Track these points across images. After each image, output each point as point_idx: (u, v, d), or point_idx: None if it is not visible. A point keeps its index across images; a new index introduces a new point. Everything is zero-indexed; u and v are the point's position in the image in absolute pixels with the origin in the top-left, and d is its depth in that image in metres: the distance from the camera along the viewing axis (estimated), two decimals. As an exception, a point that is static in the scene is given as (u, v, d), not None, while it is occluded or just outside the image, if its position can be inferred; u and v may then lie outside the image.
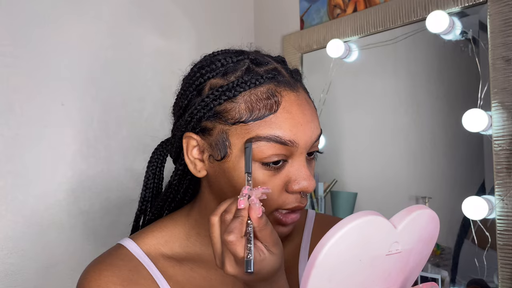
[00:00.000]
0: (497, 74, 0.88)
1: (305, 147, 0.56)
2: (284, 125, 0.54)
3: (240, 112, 0.55)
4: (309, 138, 0.56)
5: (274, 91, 0.56)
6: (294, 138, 0.55)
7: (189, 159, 0.60)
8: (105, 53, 1.09)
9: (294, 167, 0.56)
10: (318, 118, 0.60)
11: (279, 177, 0.56)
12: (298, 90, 0.58)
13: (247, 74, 0.57)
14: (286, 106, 0.55)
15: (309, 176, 0.56)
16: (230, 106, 0.56)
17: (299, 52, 1.30)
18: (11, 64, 0.94)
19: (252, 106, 0.55)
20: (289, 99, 0.56)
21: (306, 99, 0.59)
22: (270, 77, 0.57)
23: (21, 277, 0.93)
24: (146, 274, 0.59)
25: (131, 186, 1.12)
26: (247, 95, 0.56)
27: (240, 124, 0.55)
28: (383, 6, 1.10)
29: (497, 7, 0.89)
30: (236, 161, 0.56)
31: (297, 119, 0.55)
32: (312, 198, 1.27)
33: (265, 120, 0.54)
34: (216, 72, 0.58)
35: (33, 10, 0.98)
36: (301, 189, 0.56)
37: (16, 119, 0.94)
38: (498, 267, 0.87)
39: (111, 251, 0.62)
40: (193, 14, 1.29)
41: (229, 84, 0.56)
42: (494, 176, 0.87)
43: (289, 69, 0.62)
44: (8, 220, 0.92)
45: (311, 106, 0.59)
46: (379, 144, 1.15)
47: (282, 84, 0.57)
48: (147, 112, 1.16)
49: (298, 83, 0.60)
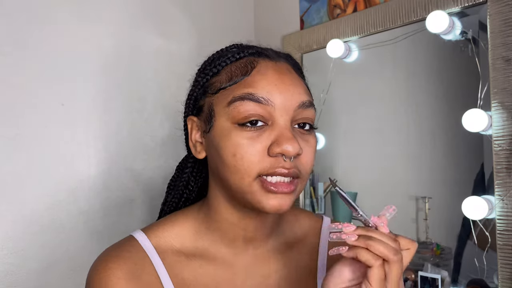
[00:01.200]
0: (497, 74, 0.88)
1: (284, 109, 0.56)
2: (257, 84, 0.56)
3: (221, 81, 0.59)
4: (288, 100, 0.56)
5: (252, 60, 0.59)
6: (268, 96, 0.55)
7: (192, 142, 0.63)
8: (105, 53, 1.09)
9: (275, 130, 0.56)
10: (304, 88, 0.60)
11: (260, 140, 0.55)
12: (279, 61, 0.60)
13: (232, 50, 0.61)
14: (261, 69, 0.58)
15: (290, 138, 0.55)
16: (215, 79, 0.60)
17: (299, 52, 1.30)
18: (11, 64, 0.94)
19: (231, 74, 0.58)
20: (265, 65, 0.58)
21: (288, 69, 0.60)
22: (252, 52, 0.60)
23: (21, 277, 0.93)
24: (151, 269, 0.59)
25: (131, 186, 1.12)
26: (229, 67, 0.59)
27: (221, 90, 0.58)
28: (383, 6, 1.10)
29: (497, 7, 0.89)
30: (220, 126, 0.57)
31: (271, 79, 0.57)
32: (312, 198, 1.27)
33: (240, 83, 0.57)
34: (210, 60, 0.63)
35: (33, 10, 0.98)
36: (282, 151, 0.54)
37: (16, 119, 0.94)
38: (498, 267, 0.87)
39: (122, 242, 0.63)
40: (193, 14, 1.29)
41: (215, 61, 0.61)
42: (494, 176, 0.88)
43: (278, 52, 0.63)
44: (8, 220, 0.92)
45: (293, 75, 0.59)
46: (379, 144, 1.15)
47: (262, 55, 0.60)
48: (147, 112, 1.16)
49: (282, 59, 0.61)
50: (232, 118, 0.56)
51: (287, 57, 0.63)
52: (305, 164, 0.58)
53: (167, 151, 1.19)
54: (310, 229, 0.70)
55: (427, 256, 1.02)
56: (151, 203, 1.16)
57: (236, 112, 0.55)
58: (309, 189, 1.27)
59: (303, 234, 0.69)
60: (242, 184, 0.55)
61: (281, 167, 0.55)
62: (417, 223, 1.05)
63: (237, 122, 0.55)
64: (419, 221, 1.05)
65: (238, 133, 0.55)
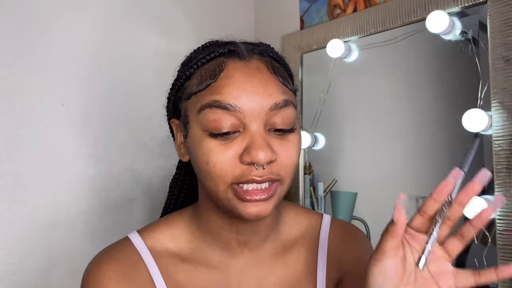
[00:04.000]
0: (497, 74, 0.88)
1: (253, 114, 0.53)
2: (224, 90, 0.54)
3: (192, 86, 0.57)
4: (257, 104, 0.53)
5: (221, 62, 0.56)
6: (235, 102, 0.53)
7: (177, 144, 0.62)
8: (105, 53, 1.09)
9: (247, 137, 0.53)
10: (278, 87, 0.56)
11: (232, 147, 0.53)
12: (249, 60, 0.57)
13: (204, 52, 0.59)
14: (228, 73, 0.55)
15: (260, 145, 0.52)
16: (188, 83, 0.59)
17: (299, 52, 1.30)
18: (11, 64, 0.94)
19: (201, 79, 0.57)
20: (232, 66, 0.56)
21: (259, 68, 0.56)
22: (223, 51, 0.57)
23: (21, 277, 0.93)
24: (144, 271, 0.59)
25: (131, 186, 1.12)
26: (200, 71, 0.58)
27: (192, 97, 0.57)
28: (383, 6, 1.10)
29: (497, 7, 0.89)
30: (193, 133, 0.56)
31: (239, 84, 0.54)
32: (312, 198, 1.27)
33: (208, 89, 0.55)
34: (188, 59, 0.62)
35: (33, 10, 0.98)
36: (251, 160, 0.52)
37: (16, 119, 0.94)
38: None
39: (116, 243, 0.63)
40: (193, 14, 1.29)
41: (188, 63, 0.60)
42: (494, 176, 0.87)
43: (253, 46, 0.60)
44: (8, 220, 0.92)
45: (265, 75, 0.56)
46: (379, 144, 1.15)
47: (233, 55, 0.57)
48: (147, 112, 1.16)
49: (255, 55, 0.58)
50: (202, 126, 0.54)
51: (262, 52, 0.59)
52: (286, 165, 0.55)
53: (167, 151, 1.19)
54: (309, 228, 0.68)
55: (427, 256, 1.02)
56: (151, 203, 1.16)
57: (205, 120, 0.54)
58: (309, 189, 1.27)
59: (301, 235, 0.67)
60: (217, 191, 0.54)
61: (254, 175, 0.53)
62: (417, 223, 1.05)
63: (207, 130, 0.54)
64: (419, 221, 1.04)
65: (209, 140, 0.54)
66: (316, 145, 1.25)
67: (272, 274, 0.63)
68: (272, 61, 0.59)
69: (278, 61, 0.61)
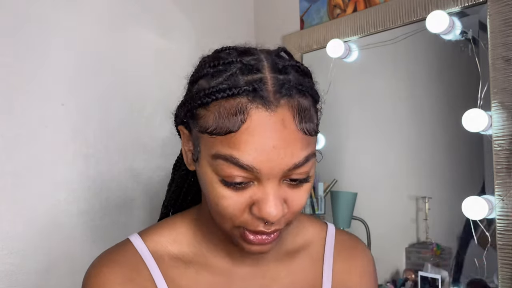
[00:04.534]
0: (497, 74, 0.88)
1: (271, 173, 0.50)
2: (243, 147, 0.48)
3: (208, 122, 0.52)
4: (277, 165, 0.49)
5: (244, 107, 0.49)
6: (254, 164, 0.49)
7: (184, 149, 0.59)
8: (105, 53, 1.09)
9: (260, 191, 0.51)
10: (303, 142, 0.51)
11: (243, 196, 0.51)
12: (275, 110, 0.49)
13: (227, 82, 0.51)
14: (250, 126, 0.48)
15: (273, 205, 0.50)
16: (203, 113, 0.52)
17: (299, 52, 1.30)
18: (11, 64, 0.94)
19: (218, 119, 0.50)
20: (257, 118, 0.49)
21: (285, 121, 0.49)
22: (248, 89, 0.49)
23: (21, 277, 0.93)
24: (146, 274, 0.58)
25: (131, 186, 1.12)
26: (218, 105, 0.51)
27: (206, 134, 0.52)
28: (383, 6, 1.10)
29: (497, 7, 0.89)
30: (204, 169, 0.53)
31: (260, 143, 0.48)
32: (312, 198, 1.27)
33: (226, 137, 0.50)
34: (205, 73, 0.54)
35: (33, 10, 0.98)
36: (262, 217, 0.50)
37: (16, 119, 0.94)
38: (498, 267, 0.87)
39: (118, 246, 0.62)
40: (193, 14, 1.29)
41: (205, 90, 0.52)
42: (494, 176, 0.87)
43: (282, 79, 0.52)
44: (8, 220, 0.92)
45: (290, 130, 0.50)
46: (379, 144, 1.15)
47: (257, 99, 0.49)
48: (147, 112, 1.16)
49: (283, 100, 0.50)
50: (216, 171, 0.51)
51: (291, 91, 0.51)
52: (295, 212, 0.54)
53: (167, 151, 1.19)
54: (314, 237, 0.67)
55: (427, 256, 1.02)
56: (151, 203, 1.16)
57: (219, 169, 0.50)
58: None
59: (306, 243, 0.66)
60: (224, 226, 0.54)
61: (262, 228, 0.52)
62: (417, 223, 1.05)
63: (220, 177, 0.51)
64: (419, 221, 1.05)
65: (221, 187, 0.51)
66: (316, 145, 1.25)
67: (275, 282, 0.62)
68: (300, 101, 0.52)
69: (306, 94, 0.54)
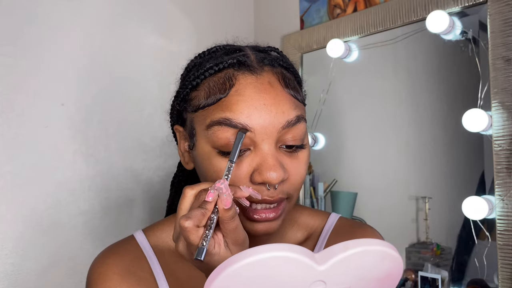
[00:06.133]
0: (497, 74, 0.88)
1: (265, 132, 0.52)
2: (235, 107, 0.51)
3: (199, 99, 0.55)
4: (270, 123, 0.52)
5: (231, 75, 0.54)
6: (247, 121, 0.51)
7: (181, 151, 0.61)
8: (105, 53, 1.09)
9: (258, 156, 0.52)
10: (290, 102, 0.54)
11: (242, 166, 0.52)
12: (261, 74, 0.54)
13: (213, 62, 0.56)
14: (240, 88, 0.52)
15: (272, 166, 0.51)
16: (194, 94, 0.56)
17: (299, 52, 1.30)
18: (11, 64, 0.94)
19: (209, 92, 0.54)
20: (244, 81, 0.53)
21: (271, 82, 0.54)
22: (233, 62, 0.54)
23: (21, 277, 0.93)
24: (146, 267, 0.60)
25: (131, 186, 1.12)
26: (207, 82, 0.55)
27: (200, 110, 0.55)
28: (383, 6, 1.10)
29: (497, 7, 0.89)
30: (200, 148, 0.55)
31: (251, 101, 0.52)
32: (312, 198, 1.27)
33: (217, 104, 0.53)
34: (193, 65, 0.59)
35: (33, 10, 0.98)
36: (263, 181, 0.51)
37: (16, 119, 0.94)
38: (498, 267, 0.87)
39: (122, 241, 0.65)
40: (193, 14, 1.29)
41: (194, 74, 0.56)
42: (494, 176, 0.87)
43: (263, 55, 0.57)
44: (8, 220, 0.92)
45: (277, 90, 0.54)
46: (379, 144, 1.15)
47: (243, 68, 0.54)
48: (147, 112, 1.16)
49: (266, 67, 0.55)
50: (212, 142, 0.53)
51: (273, 62, 0.57)
52: (295, 183, 0.55)
53: (167, 151, 1.19)
54: (314, 229, 0.68)
55: (427, 256, 1.02)
56: (151, 203, 1.16)
57: (215, 137, 0.52)
58: (309, 189, 1.27)
59: (307, 236, 0.67)
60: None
61: (265, 196, 0.52)
62: (417, 223, 1.05)
63: (217, 148, 0.53)
64: (419, 221, 1.05)
65: (219, 158, 0.53)
66: (316, 145, 1.25)
67: None
68: (283, 71, 0.57)
69: (288, 69, 0.59)
